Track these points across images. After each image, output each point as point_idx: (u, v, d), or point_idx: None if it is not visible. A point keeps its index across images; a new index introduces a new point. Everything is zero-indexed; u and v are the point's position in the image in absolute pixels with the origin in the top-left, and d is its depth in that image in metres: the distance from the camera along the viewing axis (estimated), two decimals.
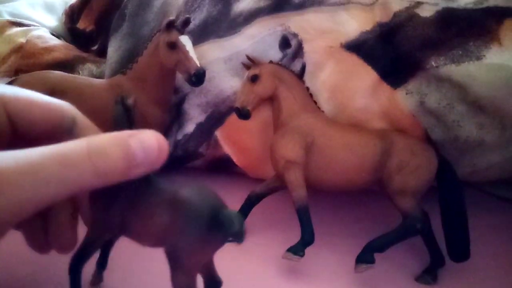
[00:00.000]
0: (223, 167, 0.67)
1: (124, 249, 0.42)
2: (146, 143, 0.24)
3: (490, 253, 0.54)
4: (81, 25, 0.87)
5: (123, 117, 0.31)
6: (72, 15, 0.90)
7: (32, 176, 0.19)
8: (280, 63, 0.57)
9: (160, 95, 0.58)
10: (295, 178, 0.50)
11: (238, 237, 0.32)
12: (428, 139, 0.52)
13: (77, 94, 0.57)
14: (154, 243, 0.34)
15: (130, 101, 0.32)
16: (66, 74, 0.60)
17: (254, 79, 0.54)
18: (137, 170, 0.24)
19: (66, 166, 0.20)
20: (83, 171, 0.21)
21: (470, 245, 0.49)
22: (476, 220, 0.52)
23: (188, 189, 0.33)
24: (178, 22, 0.55)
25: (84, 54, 0.76)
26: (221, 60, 0.60)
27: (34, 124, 0.26)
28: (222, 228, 0.31)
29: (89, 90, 0.57)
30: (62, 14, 0.92)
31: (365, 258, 0.47)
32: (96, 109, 0.57)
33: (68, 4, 0.92)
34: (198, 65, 0.53)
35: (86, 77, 0.65)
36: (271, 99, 0.56)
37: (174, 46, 0.54)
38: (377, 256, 0.47)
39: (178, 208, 0.32)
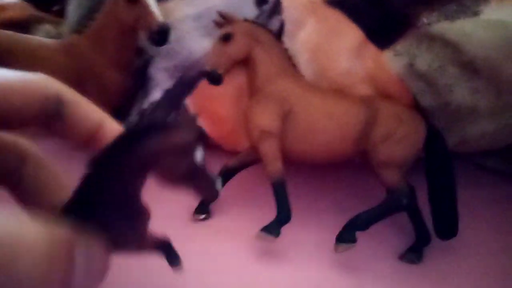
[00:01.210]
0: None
1: None
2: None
3: (478, 229, 0.51)
4: None
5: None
6: None
7: None
8: (256, 21, 0.51)
9: (120, 56, 0.52)
10: (270, 149, 0.46)
11: None
12: (416, 106, 0.48)
13: (27, 56, 0.51)
14: None
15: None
16: (15, 33, 0.54)
17: (226, 38, 0.49)
18: None
19: None
20: None
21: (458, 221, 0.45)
22: (464, 193, 0.49)
23: None
24: None
25: (42, 14, 0.69)
26: (190, 18, 0.54)
27: (13, 113, 0.19)
28: None
29: (41, 51, 0.51)
30: None
31: (346, 237, 0.43)
32: (49, 71, 0.51)
33: None
34: (161, 21, 0.47)
35: (38, 37, 0.58)
36: (246, 62, 0.51)
37: None
38: (358, 233, 0.43)
39: None
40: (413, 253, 0.46)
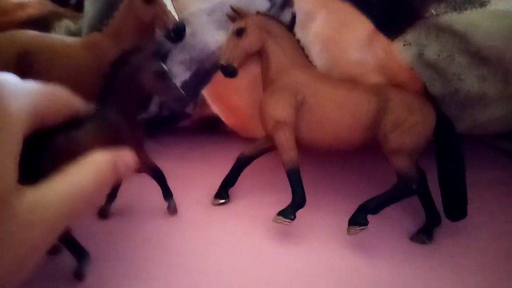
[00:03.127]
0: (212, 126, 0.64)
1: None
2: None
3: (487, 210, 0.53)
4: None
5: None
6: None
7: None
8: (267, 13, 0.52)
9: None
10: (285, 139, 0.48)
11: None
12: (426, 94, 0.49)
13: (51, 54, 0.53)
14: None
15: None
16: (39, 33, 0.56)
17: (239, 32, 0.50)
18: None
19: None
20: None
21: (467, 202, 0.47)
22: (474, 175, 0.50)
23: None
24: None
25: (60, 9, 0.71)
26: (204, 12, 0.55)
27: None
28: None
29: (64, 49, 0.54)
30: None
31: (358, 220, 0.45)
32: (72, 69, 0.53)
33: None
34: (177, 20, 0.49)
35: (61, 36, 0.60)
36: (259, 54, 0.52)
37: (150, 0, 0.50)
38: (370, 216, 0.45)
39: None
40: (424, 234, 0.48)
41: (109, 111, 0.41)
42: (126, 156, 0.31)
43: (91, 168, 0.28)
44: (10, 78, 0.26)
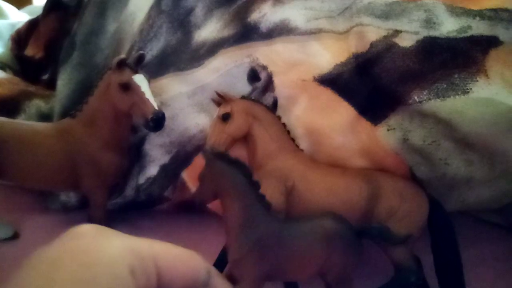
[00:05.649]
0: (192, 208, 0.61)
1: None
2: None
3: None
4: (29, 51, 0.79)
5: None
6: (19, 41, 0.82)
7: None
8: (253, 98, 0.51)
9: (115, 139, 0.51)
10: None
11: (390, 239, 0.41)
12: (413, 177, 0.48)
13: (19, 143, 0.50)
14: (311, 275, 0.41)
15: None
16: (6, 120, 0.52)
17: (225, 117, 0.49)
18: None
19: None
20: None
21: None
22: (468, 251, 0.49)
23: (326, 221, 0.41)
24: (131, 59, 0.49)
25: (31, 88, 0.68)
26: (184, 95, 0.54)
27: (174, 280, 0.23)
28: (377, 238, 0.42)
29: (33, 137, 0.50)
30: (9, 39, 0.83)
31: None
32: (42, 158, 0.50)
33: (15, 29, 0.84)
34: (156, 108, 0.47)
35: (30, 122, 0.57)
36: (245, 138, 0.50)
37: (127, 87, 0.47)
38: None
39: (332, 240, 0.40)
40: None
41: None
42: None
43: None
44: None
